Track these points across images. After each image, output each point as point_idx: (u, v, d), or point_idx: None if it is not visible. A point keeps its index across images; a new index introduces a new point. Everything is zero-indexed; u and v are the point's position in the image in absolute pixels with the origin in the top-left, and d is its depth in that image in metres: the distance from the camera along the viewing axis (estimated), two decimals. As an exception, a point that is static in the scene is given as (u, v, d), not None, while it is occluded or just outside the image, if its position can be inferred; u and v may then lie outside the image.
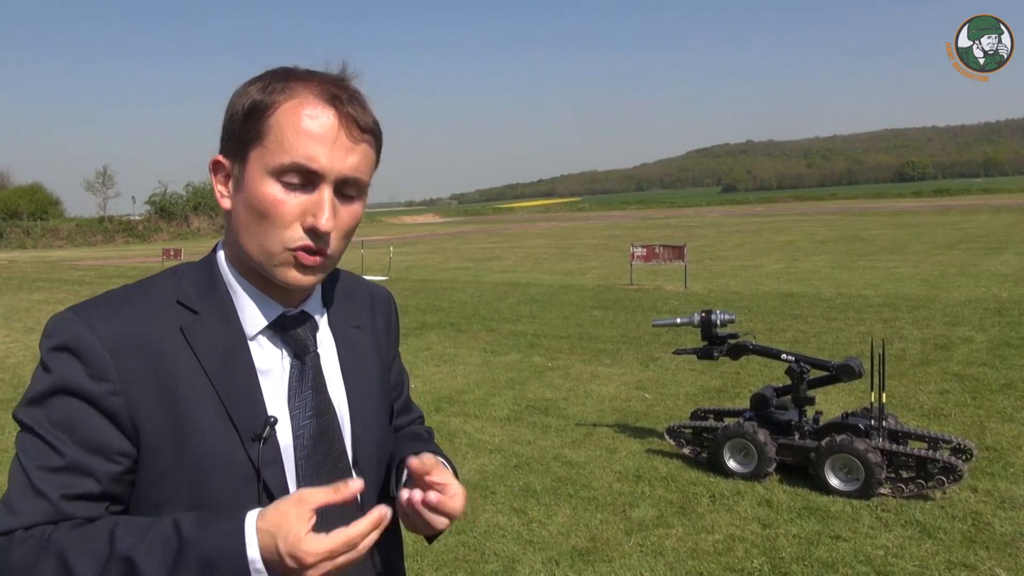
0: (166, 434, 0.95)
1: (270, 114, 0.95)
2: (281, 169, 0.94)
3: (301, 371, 1.04)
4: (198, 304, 1.01)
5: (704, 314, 5.23)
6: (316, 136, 0.94)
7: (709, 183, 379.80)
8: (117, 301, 1.00)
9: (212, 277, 1.04)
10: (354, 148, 0.97)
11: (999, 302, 10.89)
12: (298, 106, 0.95)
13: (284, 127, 0.94)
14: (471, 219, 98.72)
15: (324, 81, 0.98)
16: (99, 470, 0.93)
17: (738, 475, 4.79)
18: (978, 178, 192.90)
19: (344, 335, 1.13)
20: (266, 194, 0.95)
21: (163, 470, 0.96)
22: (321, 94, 0.96)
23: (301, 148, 0.93)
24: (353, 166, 0.97)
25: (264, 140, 0.95)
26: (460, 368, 8.35)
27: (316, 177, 0.95)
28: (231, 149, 0.99)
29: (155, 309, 0.99)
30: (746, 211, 70.18)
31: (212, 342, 0.99)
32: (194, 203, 70.87)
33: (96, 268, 28.25)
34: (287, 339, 1.04)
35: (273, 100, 0.95)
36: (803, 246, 24.02)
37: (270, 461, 0.99)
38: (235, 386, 0.98)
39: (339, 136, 0.95)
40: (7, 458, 5.81)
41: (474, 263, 23.55)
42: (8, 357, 10.10)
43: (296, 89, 0.96)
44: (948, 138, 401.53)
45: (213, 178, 1.02)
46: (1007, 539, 3.83)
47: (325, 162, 0.94)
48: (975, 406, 6.07)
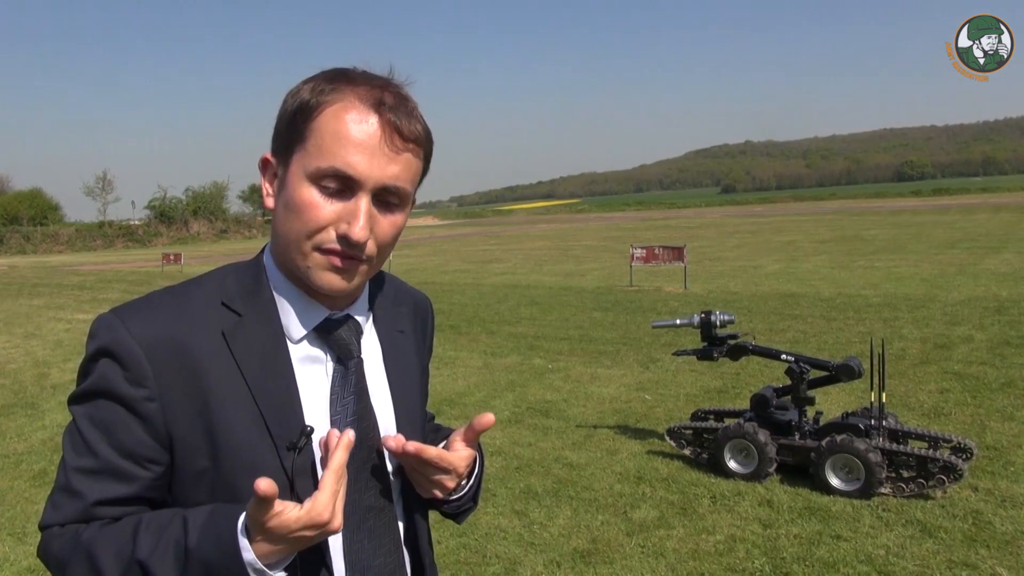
0: (201, 440, 0.95)
1: (315, 116, 0.93)
2: (319, 173, 0.92)
3: (344, 376, 1.03)
4: (241, 306, 1.00)
5: (704, 315, 5.23)
6: (357, 143, 0.92)
7: (708, 184, 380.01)
8: (160, 303, 0.99)
9: (257, 279, 1.03)
10: (396, 157, 0.94)
11: (999, 301, 10.90)
12: (342, 110, 0.92)
13: (325, 131, 0.92)
14: (470, 221, 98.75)
15: (373, 85, 0.95)
16: (132, 475, 0.95)
17: (739, 476, 4.79)
18: (977, 177, 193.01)
19: (390, 340, 1.12)
20: (303, 197, 0.93)
21: (198, 474, 0.96)
22: (367, 99, 0.93)
23: (341, 153, 0.91)
24: (394, 175, 0.94)
25: (306, 142, 0.93)
26: (460, 370, 8.35)
27: (354, 184, 0.93)
28: (278, 148, 0.98)
29: (197, 312, 0.98)
30: (745, 212, 70.20)
31: (253, 347, 0.98)
32: (193, 207, 70.94)
33: (96, 273, 28.25)
34: (331, 343, 1.03)
35: (319, 102, 0.93)
36: (803, 246, 24.03)
37: (303, 471, 0.97)
38: (272, 393, 0.97)
39: (381, 144, 0.93)
40: (9, 464, 5.82)
41: (474, 265, 23.56)
42: (8, 363, 10.10)
43: (344, 91, 0.93)
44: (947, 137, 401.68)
45: (262, 176, 1.02)
46: (1008, 538, 3.83)
47: (364, 169, 0.92)
48: (975, 405, 6.07)
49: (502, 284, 17.33)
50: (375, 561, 1.04)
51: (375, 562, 1.04)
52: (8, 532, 4.51)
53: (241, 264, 1.06)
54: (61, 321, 14.30)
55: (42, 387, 8.47)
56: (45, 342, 11.77)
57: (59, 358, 10.21)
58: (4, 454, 6.06)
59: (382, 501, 1.05)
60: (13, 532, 4.51)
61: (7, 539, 4.41)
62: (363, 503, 1.03)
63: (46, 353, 10.71)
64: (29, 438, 6.49)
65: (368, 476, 1.04)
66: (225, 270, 1.05)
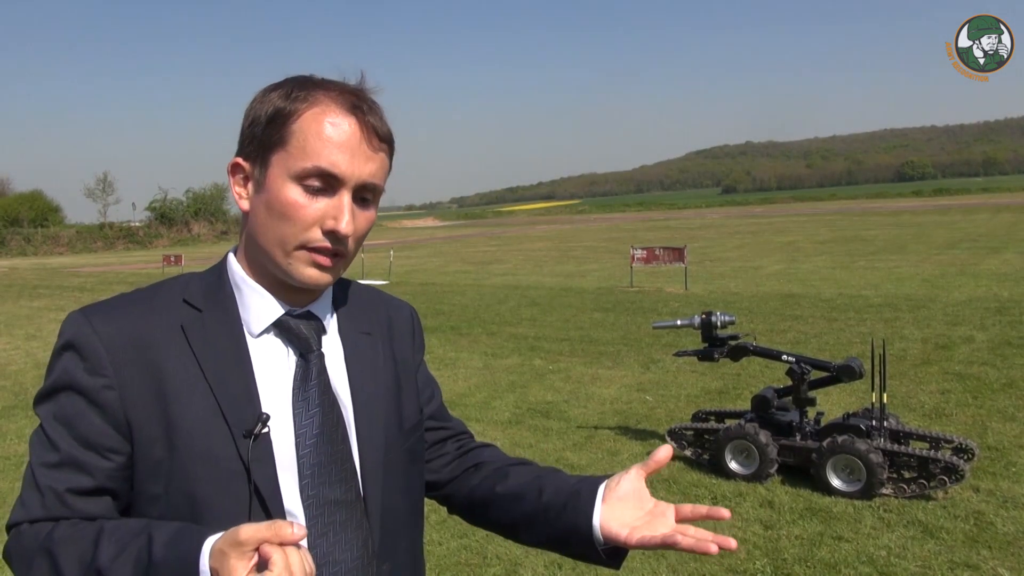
0: (159, 429, 0.97)
1: (293, 120, 0.98)
2: (304, 173, 0.97)
3: (305, 370, 1.05)
4: (202, 303, 1.04)
5: (704, 316, 5.23)
6: (338, 143, 0.97)
7: (709, 184, 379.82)
8: (123, 301, 1.05)
9: (220, 278, 1.07)
10: (373, 156, 1.00)
11: (1000, 301, 10.89)
12: (321, 113, 0.98)
13: (307, 133, 0.97)
14: (471, 222, 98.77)
15: (345, 91, 1.01)
16: (93, 466, 0.97)
17: (740, 476, 4.79)
18: (978, 177, 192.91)
19: (353, 339, 1.14)
20: (288, 197, 0.98)
21: (156, 463, 0.97)
22: (343, 103, 0.99)
23: (324, 154, 0.97)
24: (371, 172, 1.00)
25: (287, 145, 0.98)
26: (461, 371, 8.35)
27: (336, 182, 0.98)
28: (252, 152, 1.02)
29: (159, 308, 1.03)
30: (746, 212, 70.20)
31: (210, 339, 1.01)
32: (194, 209, 70.96)
33: (97, 275, 28.27)
34: (291, 338, 1.05)
35: (296, 107, 0.98)
36: (803, 247, 24.03)
37: (260, 459, 0.99)
38: (230, 383, 1.00)
39: (360, 144, 0.99)
40: (9, 465, 5.82)
41: (474, 266, 23.57)
42: (9, 364, 10.11)
43: (319, 97, 0.99)
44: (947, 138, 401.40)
45: (231, 179, 1.05)
46: (1009, 539, 3.83)
47: (346, 168, 0.98)
48: (976, 406, 6.06)
49: (503, 285, 17.33)
50: (340, 555, 1.03)
51: (340, 556, 1.03)
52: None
53: (205, 270, 1.11)
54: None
55: (43, 389, 8.47)
56: (46, 344, 11.77)
57: (60, 360, 10.20)
58: (4, 456, 6.06)
59: (349, 495, 1.05)
60: (14, 534, 4.51)
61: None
62: (329, 496, 1.03)
63: (46, 355, 10.66)
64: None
65: (334, 469, 1.04)
66: (191, 273, 1.11)
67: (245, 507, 0.97)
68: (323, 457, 1.03)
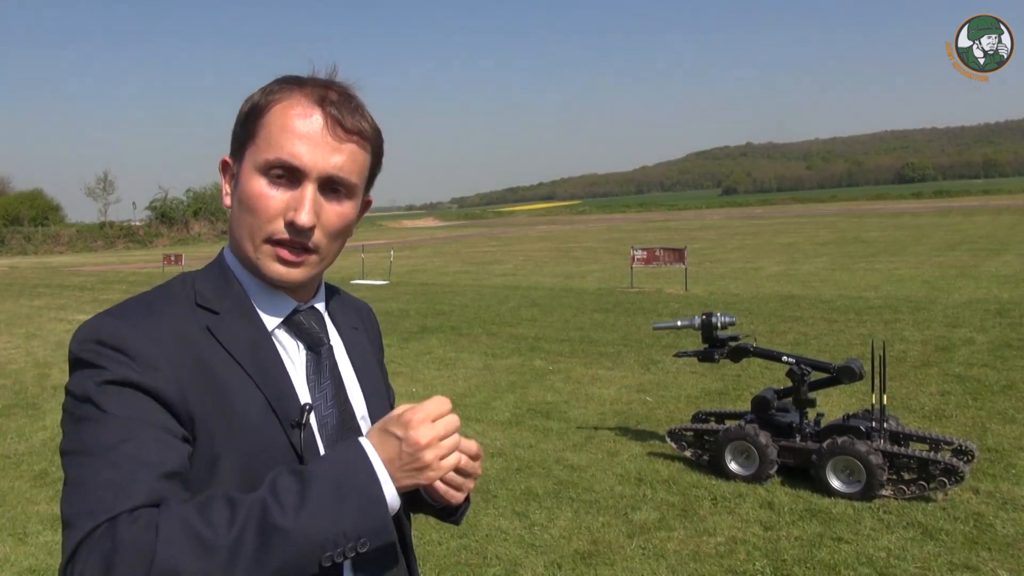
0: (216, 421, 0.95)
1: (264, 114, 1.00)
2: (267, 165, 0.98)
3: (317, 363, 1.07)
4: (217, 304, 1.03)
5: (705, 317, 5.23)
6: (300, 134, 0.98)
7: (709, 185, 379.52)
8: (144, 304, 1.00)
9: (225, 278, 1.06)
10: (339, 147, 0.99)
11: (1000, 303, 10.89)
12: (288, 107, 0.99)
13: (273, 126, 0.99)
14: (471, 223, 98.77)
15: (316, 85, 1.02)
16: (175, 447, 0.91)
17: (740, 477, 4.79)
18: (978, 179, 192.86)
19: (349, 334, 1.17)
20: (253, 188, 0.99)
21: (215, 456, 0.96)
22: (311, 95, 1.00)
23: (286, 145, 0.97)
24: (337, 165, 0.99)
25: (256, 139, 1.00)
26: (461, 372, 8.36)
27: (299, 174, 0.98)
28: (234, 149, 1.05)
29: (181, 311, 1.00)
30: (746, 213, 70.20)
31: (239, 338, 1.01)
32: (194, 208, 70.99)
33: (97, 274, 28.28)
34: (300, 333, 1.07)
35: (268, 101, 1.00)
36: (803, 248, 24.02)
37: (309, 446, 1.01)
38: (269, 377, 1.00)
39: (324, 135, 0.98)
40: (9, 464, 5.82)
41: (474, 267, 23.57)
42: (9, 363, 10.11)
43: (291, 91, 1.00)
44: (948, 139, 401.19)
45: (222, 177, 1.07)
46: (1009, 540, 3.83)
47: (308, 159, 0.98)
48: (976, 407, 6.06)
49: (503, 285, 17.33)
50: None
51: None
52: (9, 533, 4.51)
53: (203, 269, 1.09)
54: (62, 322, 14.31)
55: (43, 388, 8.48)
56: (46, 343, 11.77)
57: (60, 359, 10.21)
58: (5, 455, 6.06)
59: None
60: (14, 533, 4.51)
61: (8, 540, 4.41)
62: None
63: (47, 354, 10.71)
64: (30, 439, 6.49)
65: None
66: (187, 276, 1.07)
67: None
68: None
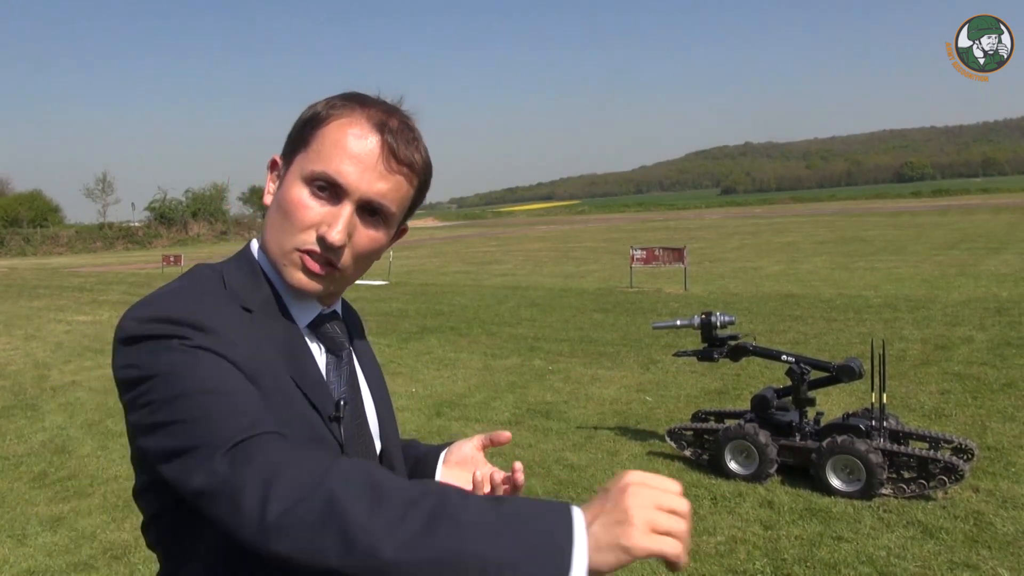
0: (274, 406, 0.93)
1: (323, 126, 1.00)
2: (312, 176, 0.98)
3: (337, 366, 1.08)
4: (249, 302, 1.01)
5: (704, 316, 5.22)
6: (352, 155, 0.98)
7: (708, 185, 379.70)
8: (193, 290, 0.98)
9: (255, 275, 1.04)
10: (386, 176, 0.99)
11: (999, 302, 10.89)
12: (347, 124, 0.99)
13: (328, 139, 0.99)
14: (470, 223, 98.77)
15: (379, 108, 1.02)
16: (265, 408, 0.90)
17: (739, 477, 4.78)
18: (977, 178, 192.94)
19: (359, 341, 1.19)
20: (293, 195, 0.99)
21: None
22: (372, 118, 1.00)
23: (335, 161, 0.98)
24: (381, 192, 0.99)
25: (308, 147, 1.00)
26: (461, 372, 8.35)
27: (341, 191, 0.98)
28: (286, 151, 1.05)
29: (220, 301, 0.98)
30: (745, 213, 70.23)
31: (273, 336, 1.00)
32: (193, 209, 71.00)
33: (96, 274, 28.26)
34: (323, 337, 1.08)
35: (329, 114, 1.00)
36: (803, 247, 24.02)
37: (350, 439, 1.03)
38: (306, 373, 1.01)
39: (375, 160, 0.98)
40: (8, 465, 5.81)
41: (474, 267, 23.56)
42: (8, 364, 10.10)
43: (353, 109, 1.00)
44: (947, 138, 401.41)
45: (268, 175, 1.07)
46: (1009, 539, 3.82)
47: (353, 179, 0.98)
48: (976, 406, 6.06)
49: (502, 285, 17.32)
50: None
51: None
52: (8, 534, 4.50)
53: (231, 263, 1.07)
54: (61, 323, 14.30)
55: (42, 389, 8.47)
56: (45, 344, 11.77)
57: (59, 360, 10.21)
58: (3, 456, 6.06)
59: None
60: (12, 534, 4.50)
61: (7, 541, 4.41)
62: None
63: (46, 355, 10.71)
64: (29, 440, 6.49)
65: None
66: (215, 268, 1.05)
67: None
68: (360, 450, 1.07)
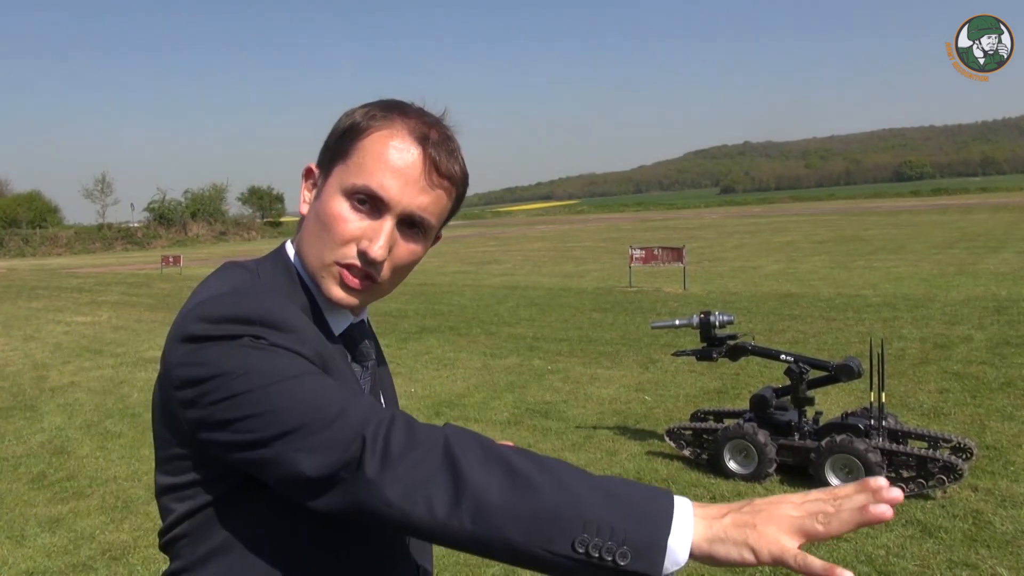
0: None
1: (362, 137, 0.98)
2: (353, 190, 0.97)
3: (363, 376, 1.08)
4: None
5: (703, 315, 5.22)
6: (394, 168, 0.97)
7: (707, 184, 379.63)
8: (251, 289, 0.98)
9: (293, 283, 1.04)
10: (428, 190, 0.99)
11: (998, 300, 10.90)
12: (388, 136, 0.98)
13: (369, 152, 0.97)
14: (469, 223, 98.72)
15: (422, 121, 1.00)
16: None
17: (738, 476, 4.79)
18: (976, 177, 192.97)
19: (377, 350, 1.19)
20: (334, 209, 0.98)
21: None
22: (414, 131, 0.98)
23: (377, 175, 0.96)
24: (422, 206, 0.99)
25: (348, 160, 0.99)
26: (460, 372, 8.35)
27: (383, 205, 0.97)
28: (323, 160, 1.04)
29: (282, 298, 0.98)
30: (744, 212, 70.25)
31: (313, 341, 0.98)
32: (192, 210, 70.95)
33: (95, 275, 28.24)
34: (352, 347, 1.08)
35: (369, 125, 0.99)
36: (802, 247, 24.03)
37: None
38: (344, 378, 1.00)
39: (418, 174, 0.97)
40: (7, 466, 5.81)
41: (473, 267, 23.56)
42: (7, 365, 10.10)
43: (394, 120, 0.99)
44: (946, 137, 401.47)
45: (303, 183, 1.06)
46: (1008, 537, 3.83)
47: (395, 193, 0.97)
48: (975, 405, 6.06)
49: (501, 285, 17.32)
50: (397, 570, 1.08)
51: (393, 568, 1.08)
52: (7, 535, 4.50)
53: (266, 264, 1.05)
54: (60, 324, 14.29)
55: (41, 389, 8.46)
56: (44, 344, 11.76)
57: (58, 360, 10.20)
58: (2, 457, 6.05)
59: None
60: (11, 535, 4.50)
61: (5, 542, 4.40)
62: None
63: (45, 356, 10.70)
64: (28, 440, 6.48)
65: None
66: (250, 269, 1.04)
67: None
68: None
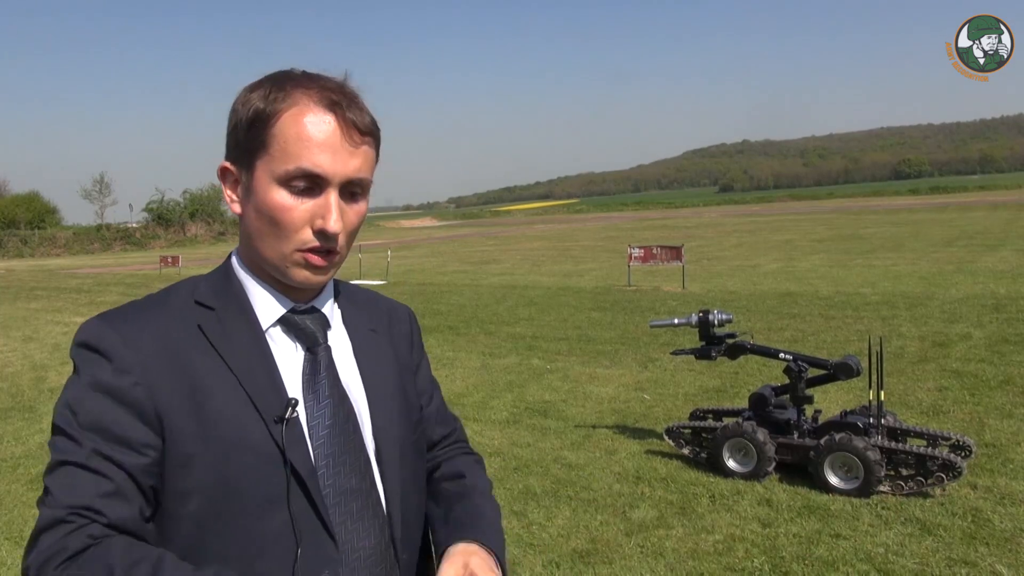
0: (191, 423, 0.97)
1: (273, 123, 0.98)
2: (287, 176, 0.98)
3: (313, 363, 1.07)
4: (214, 301, 1.06)
5: (702, 314, 5.22)
6: (319, 143, 0.97)
7: (706, 183, 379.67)
8: (139, 307, 1.06)
9: (227, 277, 1.09)
10: (356, 151, 1.00)
11: (997, 298, 10.91)
12: (299, 113, 0.98)
13: (287, 135, 0.97)
14: (468, 222, 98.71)
15: (324, 87, 1.00)
16: (127, 462, 0.95)
17: (738, 475, 4.79)
18: (975, 175, 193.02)
19: (360, 335, 1.17)
20: (275, 201, 0.99)
21: (188, 456, 0.97)
22: (321, 100, 0.99)
23: (305, 155, 0.97)
24: (356, 168, 1.00)
25: (269, 148, 0.98)
26: (459, 371, 8.35)
27: (322, 181, 0.99)
28: (237, 157, 1.03)
29: (174, 311, 1.04)
30: (743, 211, 70.25)
31: (229, 334, 1.03)
32: (191, 210, 70.86)
33: (94, 276, 28.21)
34: (298, 332, 1.08)
35: (275, 109, 0.98)
36: (801, 245, 24.04)
37: (295, 441, 1.01)
38: (255, 373, 1.02)
39: (341, 141, 0.99)
40: (6, 467, 5.81)
41: (472, 266, 23.55)
42: (6, 366, 10.09)
43: (297, 96, 0.99)
44: (944, 135, 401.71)
45: (223, 184, 1.07)
46: (1007, 535, 3.83)
47: (329, 167, 0.98)
48: (974, 403, 6.07)
49: (500, 285, 17.32)
50: (359, 543, 1.05)
51: (359, 544, 1.05)
52: (5, 536, 4.50)
53: (210, 271, 1.12)
54: (59, 324, 14.27)
55: (39, 390, 8.46)
56: (43, 345, 11.75)
57: (57, 361, 10.19)
58: (1, 458, 6.05)
59: (364, 484, 1.07)
60: (10, 536, 4.50)
61: (4, 543, 4.40)
62: (344, 486, 1.05)
63: (44, 356, 10.69)
64: (26, 441, 6.48)
65: (348, 459, 1.06)
66: (196, 277, 1.12)
67: (283, 489, 0.99)
68: (336, 448, 1.05)
